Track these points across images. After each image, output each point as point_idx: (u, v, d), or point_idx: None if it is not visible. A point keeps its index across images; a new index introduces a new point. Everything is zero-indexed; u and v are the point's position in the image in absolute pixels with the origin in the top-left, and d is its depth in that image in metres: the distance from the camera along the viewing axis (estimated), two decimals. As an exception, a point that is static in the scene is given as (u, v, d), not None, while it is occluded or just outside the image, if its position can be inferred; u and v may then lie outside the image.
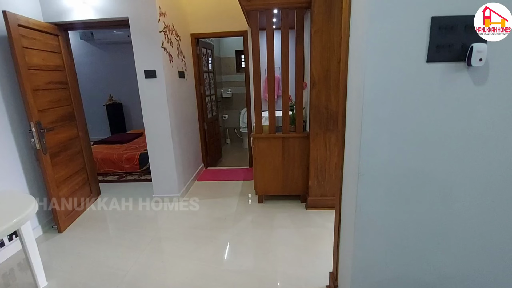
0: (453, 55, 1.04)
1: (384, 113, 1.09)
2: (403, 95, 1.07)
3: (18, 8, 2.45)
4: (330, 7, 2.28)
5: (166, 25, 2.81)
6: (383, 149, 1.13)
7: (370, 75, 1.06)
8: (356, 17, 1.16)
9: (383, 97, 1.07)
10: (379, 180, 1.16)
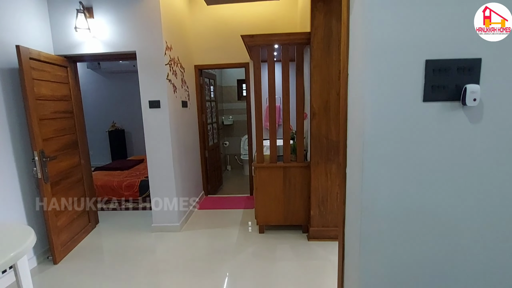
0: (448, 95, 1.08)
1: (385, 150, 1.11)
2: (403, 133, 1.10)
3: (32, 42, 2.58)
4: (329, 44, 2.40)
5: (171, 58, 2.93)
6: (385, 185, 1.14)
7: (370, 114, 1.10)
8: (354, 58, 1.23)
9: (384, 134, 1.10)
10: (383, 216, 1.16)
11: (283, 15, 3.60)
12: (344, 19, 1.29)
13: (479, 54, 1.06)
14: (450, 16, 1.03)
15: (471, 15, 1.03)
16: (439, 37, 1.05)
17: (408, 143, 1.11)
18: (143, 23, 2.71)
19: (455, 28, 1.04)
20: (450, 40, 1.05)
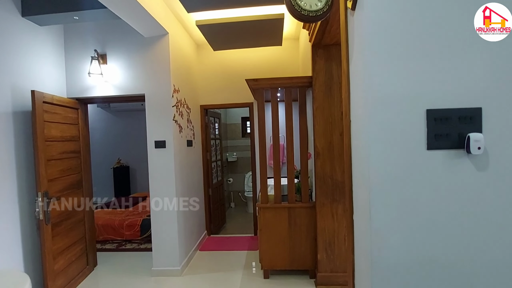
0: (452, 143, 1.08)
1: (392, 198, 1.09)
2: (409, 181, 1.09)
3: (47, 86, 2.71)
4: (330, 87, 2.48)
5: (178, 100, 3.04)
6: (394, 235, 1.10)
7: (375, 162, 1.10)
8: (356, 106, 1.26)
9: (390, 183, 1.09)
10: (394, 268, 1.11)
11: (285, 58, 3.79)
12: (344, 69, 1.35)
13: (478, 103, 1.08)
14: (448, 68, 1.07)
15: (469, 66, 1.07)
16: (438, 87, 1.08)
17: (415, 191, 1.09)
18: (153, 68, 2.86)
19: (454, 79, 1.08)
20: (449, 91, 1.08)
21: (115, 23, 2.82)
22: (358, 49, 1.18)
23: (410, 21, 1.08)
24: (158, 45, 2.83)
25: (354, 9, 1.20)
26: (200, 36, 3.33)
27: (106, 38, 2.94)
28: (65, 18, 2.57)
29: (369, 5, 1.10)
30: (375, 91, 1.09)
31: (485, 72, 1.07)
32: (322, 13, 1.20)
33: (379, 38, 1.09)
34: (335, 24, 1.95)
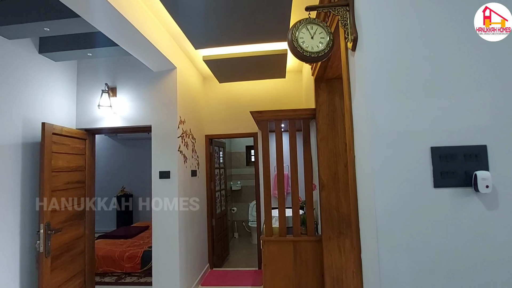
0: (458, 181, 1.07)
1: (400, 239, 1.06)
2: (417, 220, 1.06)
3: (57, 118, 2.80)
4: (333, 119, 2.51)
5: (184, 131, 3.09)
6: (404, 277, 1.05)
7: (381, 200, 1.08)
8: (359, 142, 1.27)
9: (397, 222, 1.07)
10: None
11: (289, 90, 3.89)
12: (346, 106, 1.38)
13: (483, 140, 1.08)
14: (450, 106, 1.09)
15: (472, 104, 1.08)
16: (441, 125, 1.09)
17: (423, 231, 1.06)
18: (160, 100, 2.95)
19: (456, 116, 1.09)
20: (453, 128, 1.09)
21: (126, 58, 2.96)
22: (360, 87, 1.21)
23: (409, 61, 1.12)
24: (166, 79, 2.94)
25: (354, 50, 1.25)
26: (206, 69, 3.46)
27: (116, 72, 3.07)
28: (79, 54, 2.71)
29: (368, 47, 1.14)
30: (378, 129, 1.10)
31: (488, 109, 1.08)
32: (323, 54, 1.25)
33: (379, 78, 1.12)
34: (336, 60, 2.02)
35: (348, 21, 1.26)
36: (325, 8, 1.28)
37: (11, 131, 2.37)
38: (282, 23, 2.23)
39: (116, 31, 2.06)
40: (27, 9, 2.14)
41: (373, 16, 1.15)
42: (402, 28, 1.13)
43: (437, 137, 1.09)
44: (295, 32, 1.26)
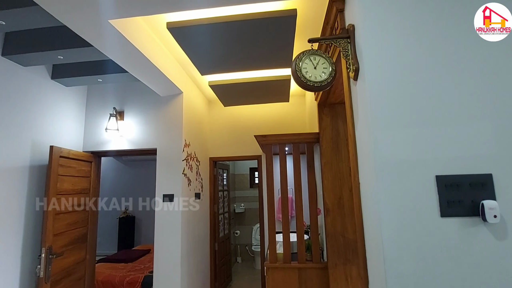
0: (466, 210, 1.06)
1: (407, 269, 1.04)
2: (424, 251, 1.04)
3: (65, 141, 2.85)
4: (337, 143, 2.53)
5: (188, 154, 3.12)
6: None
7: (387, 230, 1.07)
8: (364, 170, 1.27)
9: (404, 252, 1.05)
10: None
11: (292, 113, 3.94)
12: (350, 133, 1.40)
13: (488, 169, 1.08)
14: (454, 134, 1.10)
15: (475, 132, 1.09)
16: (445, 154, 1.09)
17: (431, 261, 1.03)
18: (166, 124, 3.01)
19: (460, 145, 1.09)
20: (457, 157, 1.09)
21: (135, 83, 3.06)
22: (363, 115, 1.24)
23: (411, 91, 1.14)
24: (173, 103, 3.02)
25: (356, 80, 1.29)
26: (211, 93, 3.55)
27: (125, 96, 3.16)
28: (90, 80, 2.82)
29: (369, 77, 1.18)
30: (382, 157, 1.11)
31: (492, 138, 1.09)
32: (326, 84, 1.29)
33: (381, 107, 1.14)
34: (338, 87, 2.06)
35: (349, 52, 1.31)
36: (327, 40, 1.34)
37: (20, 154, 2.42)
38: (285, 51, 2.32)
39: (127, 59, 2.15)
40: (43, 38, 2.25)
41: (373, 48, 1.19)
42: (403, 59, 1.17)
43: (442, 165, 1.09)
44: (299, 62, 1.30)
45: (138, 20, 1.97)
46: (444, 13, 1.18)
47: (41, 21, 1.87)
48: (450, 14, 1.17)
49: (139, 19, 1.97)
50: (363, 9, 1.23)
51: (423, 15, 1.19)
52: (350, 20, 1.38)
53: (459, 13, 1.17)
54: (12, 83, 2.39)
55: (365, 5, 1.23)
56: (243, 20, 1.87)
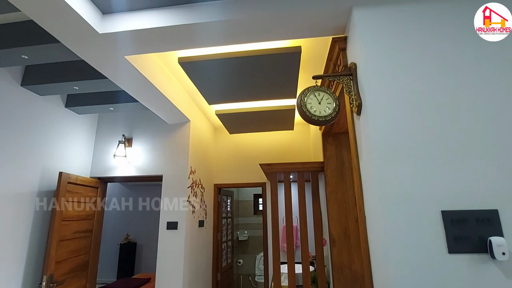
0: (473, 247, 1.05)
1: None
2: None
3: (73, 167, 2.91)
4: (342, 172, 2.54)
5: (194, 181, 3.14)
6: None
7: (394, 266, 1.06)
8: (370, 203, 1.28)
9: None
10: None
11: (297, 141, 4.00)
12: (354, 165, 1.42)
13: (494, 205, 1.09)
14: (458, 169, 1.12)
15: (480, 168, 1.11)
16: (450, 189, 1.11)
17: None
18: (173, 151, 3.06)
19: (465, 180, 1.11)
20: (462, 192, 1.10)
21: (144, 111, 3.17)
22: (367, 149, 1.27)
23: (414, 127, 1.18)
24: (180, 131, 3.10)
25: (359, 114, 1.34)
26: (218, 120, 3.63)
27: (134, 124, 3.26)
28: (102, 109, 2.93)
29: (372, 113, 1.23)
30: (387, 191, 1.13)
31: (497, 173, 1.11)
32: (330, 118, 1.34)
33: (385, 142, 1.18)
34: (342, 118, 2.12)
35: (352, 88, 1.37)
36: (331, 77, 1.41)
37: (30, 180, 2.47)
38: (290, 83, 2.41)
39: (139, 90, 2.25)
40: (60, 71, 2.39)
41: (375, 85, 1.25)
42: (404, 96, 1.22)
43: (447, 200, 1.10)
44: (304, 97, 1.37)
45: (151, 55, 2.09)
46: (443, 51, 1.25)
47: (60, 55, 2.00)
48: (449, 51, 1.24)
49: (152, 54, 2.09)
50: (364, 49, 1.31)
51: (423, 53, 1.26)
52: (352, 58, 1.46)
53: (458, 49, 1.24)
54: (28, 112, 2.50)
55: (366, 45, 1.31)
56: (250, 56, 1.98)
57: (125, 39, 1.59)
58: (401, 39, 1.29)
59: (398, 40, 1.30)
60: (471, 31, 1.23)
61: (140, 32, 1.54)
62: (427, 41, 1.27)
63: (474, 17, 1.23)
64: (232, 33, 1.57)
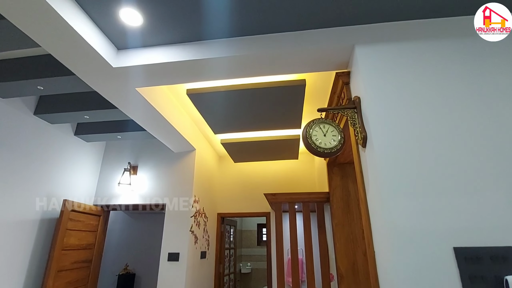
0: (489, 287, 1.00)
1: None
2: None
3: (77, 194, 2.91)
4: (348, 203, 2.50)
5: (197, 210, 3.10)
6: None
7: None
8: (378, 237, 1.24)
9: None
10: None
11: (301, 171, 3.98)
12: (361, 198, 1.40)
13: (508, 241, 1.05)
14: (470, 204, 1.09)
15: (493, 202, 1.09)
16: (461, 224, 1.08)
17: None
18: (177, 179, 3.06)
19: (477, 215, 1.08)
20: (474, 228, 1.07)
21: (150, 140, 3.22)
22: (374, 182, 1.26)
23: (422, 160, 1.18)
24: (185, 159, 3.12)
25: (364, 147, 1.35)
26: (223, 149, 3.66)
27: (140, 152, 3.30)
28: (110, 137, 2.98)
29: (378, 145, 1.23)
30: (396, 226, 1.10)
31: (509, 208, 1.08)
32: (336, 150, 1.35)
33: (392, 175, 1.17)
34: (347, 148, 2.12)
35: (356, 121, 1.39)
36: (335, 110, 1.44)
37: (34, 207, 2.46)
38: (295, 114, 2.46)
39: (148, 120, 2.31)
40: (72, 101, 2.47)
41: (380, 119, 1.27)
42: (409, 129, 1.23)
43: (459, 236, 1.07)
44: (309, 130, 1.39)
45: (161, 87, 2.17)
46: (444, 83, 1.28)
47: (74, 86, 2.09)
48: (451, 83, 1.27)
49: (162, 86, 2.17)
50: (367, 84, 1.35)
51: (424, 86, 1.29)
52: (356, 92, 1.50)
53: (459, 81, 1.27)
54: (38, 139, 2.56)
55: (369, 80, 1.35)
56: (256, 88, 2.04)
57: (137, 73, 1.67)
58: (402, 74, 1.34)
59: (400, 75, 1.34)
60: (470, 64, 1.28)
61: (152, 66, 1.61)
62: (427, 74, 1.31)
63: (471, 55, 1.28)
64: (239, 68, 1.64)
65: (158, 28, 1.48)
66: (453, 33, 1.37)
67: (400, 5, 1.35)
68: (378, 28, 1.45)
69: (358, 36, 1.46)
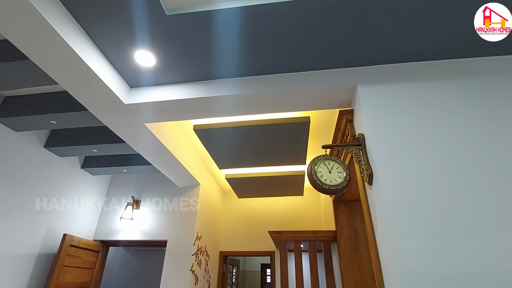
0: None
1: None
2: None
3: (78, 228, 2.85)
4: (356, 243, 2.40)
5: (199, 248, 2.99)
6: None
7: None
8: (390, 283, 1.17)
9: None
10: None
11: (307, 207, 3.89)
12: (370, 237, 1.35)
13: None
14: (482, 247, 1.04)
15: (505, 244, 1.04)
16: (475, 268, 1.02)
17: None
18: (180, 215, 3.00)
19: (490, 258, 1.03)
20: (488, 272, 1.01)
21: (155, 174, 3.22)
22: (382, 221, 1.22)
23: (430, 199, 1.15)
24: (189, 194, 3.09)
25: (371, 184, 1.33)
26: (227, 184, 3.63)
27: (144, 185, 3.29)
28: (115, 170, 3.01)
29: (384, 183, 1.22)
30: (408, 270, 1.05)
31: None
32: (342, 187, 1.33)
33: (401, 215, 1.14)
34: (353, 185, 2.09)
35: (362, 158, 1.39)
36: (340, 147, 1.45)
37: (33, 241, 2.40)
38: (300, 151, 2.47)
39: (154, 155, 2.35)
40: (81, 135, 2.54)
41: (385, 156, 1.27)
42: (418, 166, 1.23)
43: (473, 281, 1.01)
44: (314, 166, 1.39)
45: (169, 122, 2.24)
46: (448, 121, 1.30)
47: (85, 121, 2.16)
48: (455, 121, 1.29)
49: (170, 122, 2.24)
50: (371, 122, 1.37)
51: (428, 124, 1.31)
52: (359, 129, 1.52)
53: (464, 121, 1.28)
54: (45, 172, 2.59)
55: (373, 118, 1.38)
56: (261, 125, 2.09)
57: (147, 109, 1.73)
58: (406, 113, 1.36)
59: (404, 114, 1.37)
60: (473, 102, 1.31)
61: (162, 104, 1.68)
62: (430, 113, 1.34)
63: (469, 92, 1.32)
64: (245, 106, 1.69)
65: (170, 68, 1.57)
66: (454, 74, 1.43)
67: (400, 48, 1.42)
68: (379, 69, 1.52)
69: (360, 76, 1.52)
